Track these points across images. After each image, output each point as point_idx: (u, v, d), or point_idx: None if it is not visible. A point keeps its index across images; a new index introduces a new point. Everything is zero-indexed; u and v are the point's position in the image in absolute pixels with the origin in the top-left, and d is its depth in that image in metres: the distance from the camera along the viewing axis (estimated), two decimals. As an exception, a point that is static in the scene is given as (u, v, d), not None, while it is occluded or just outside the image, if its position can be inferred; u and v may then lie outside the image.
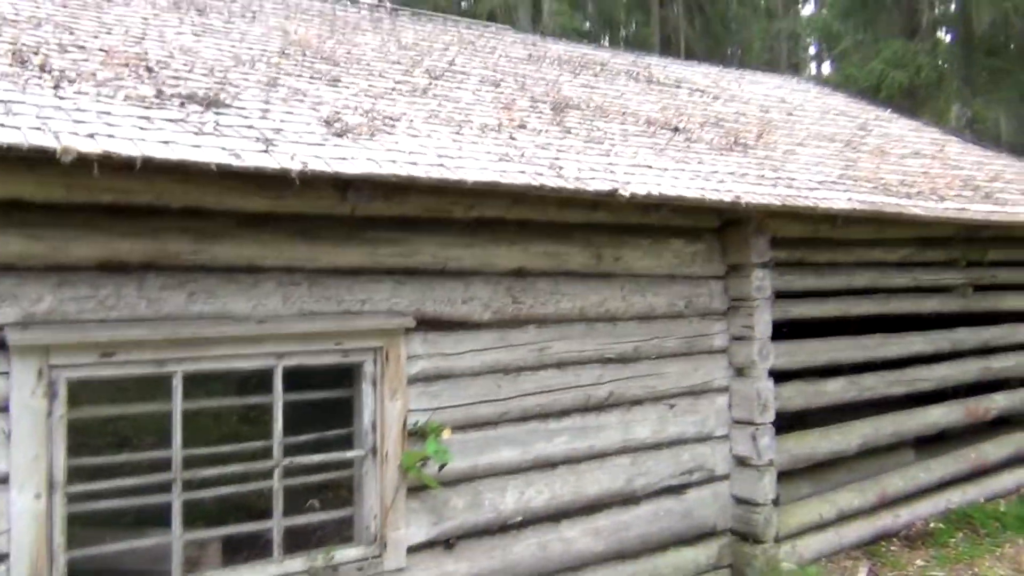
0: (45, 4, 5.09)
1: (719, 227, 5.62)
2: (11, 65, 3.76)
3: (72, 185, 3.39)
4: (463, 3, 20.82)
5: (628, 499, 5.15)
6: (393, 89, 5.40)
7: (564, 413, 4.87)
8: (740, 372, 5.69)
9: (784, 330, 6.03)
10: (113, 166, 3.20)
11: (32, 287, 3.41)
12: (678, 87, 8.55)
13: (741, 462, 5.67)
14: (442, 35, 8.07)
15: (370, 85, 5.32)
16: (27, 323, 3.38)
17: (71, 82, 3.75)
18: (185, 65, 4.58)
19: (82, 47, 4.39)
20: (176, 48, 4.90)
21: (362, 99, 4.92)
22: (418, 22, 8.52)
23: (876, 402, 6.67)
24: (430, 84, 5.82)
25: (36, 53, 4.03)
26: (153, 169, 3.31)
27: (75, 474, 3.50)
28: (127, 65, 4.25)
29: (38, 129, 3.14)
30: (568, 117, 5.95)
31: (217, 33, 5.61)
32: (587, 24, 24.61)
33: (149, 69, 4.29)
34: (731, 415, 5.67)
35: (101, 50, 4.43)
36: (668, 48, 25.39)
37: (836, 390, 6.42)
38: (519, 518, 4.69)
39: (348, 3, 8.77)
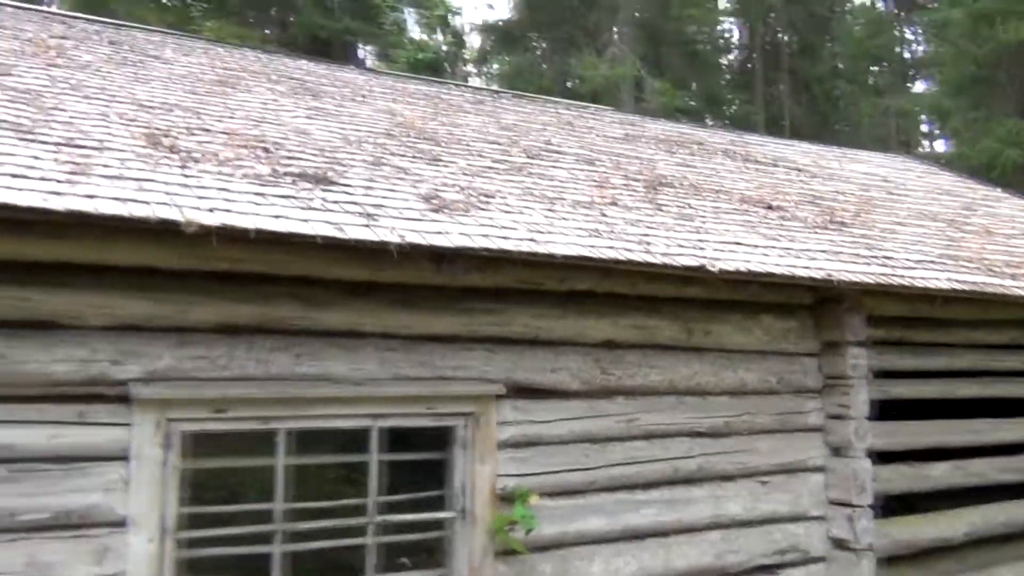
0: (176, 91, 5.59)
1: (813, 304, 5.62)
2: (144, 147, 4.17)
3: (193, 254, 3.70)
4: (567, 83, 21.41)
5: (719, 575, 5.09)
6: (490, 167, 5.67)
7: (652, 485, 4.90)
8: (836, 451, 5.60)
9: (893, 412, 5.92)
10: (230, 237, 3.51)
11: (154, 346, 3.72)
12: (775, 165, 8.61)
13: (838, 544, 5.54)
14: (541, 115, 8.39)
15: (468, 164, 5.60)
16: (149, 379, 3.69)
17: (196, 161, 4.13)
18: (298, 146, 4.95)
19: (208, 130, 4.82)
20: (291, 130, 5.30)
21: (460, 177, 5.19)
22: (519, 104, 8.88)
23: (986, 488, 6.42)
24: (526, 162, 6.07)
25: (166, 136, 4.45)
26: (265, 240, 3.61)
27: (187, 522, 3.74)
28: (246, 146, 4.64)
29: (165, 204, 3.48)
30: (661, 195, 6.10)
31: (329, 115, 6.03)
32: (691, 103, 24.89)
33: (266, 150, 4.67)
34: (827, 495, 5.57)
35: (224, 132, 4.85)
36: (774, 127, 25.40)
37: (941, 474, 6.21)
38: (606, 588, 4.71)
39: (453, 86, 9.22)
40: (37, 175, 3.42)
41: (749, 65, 29.47)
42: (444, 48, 22.11)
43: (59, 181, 3.42)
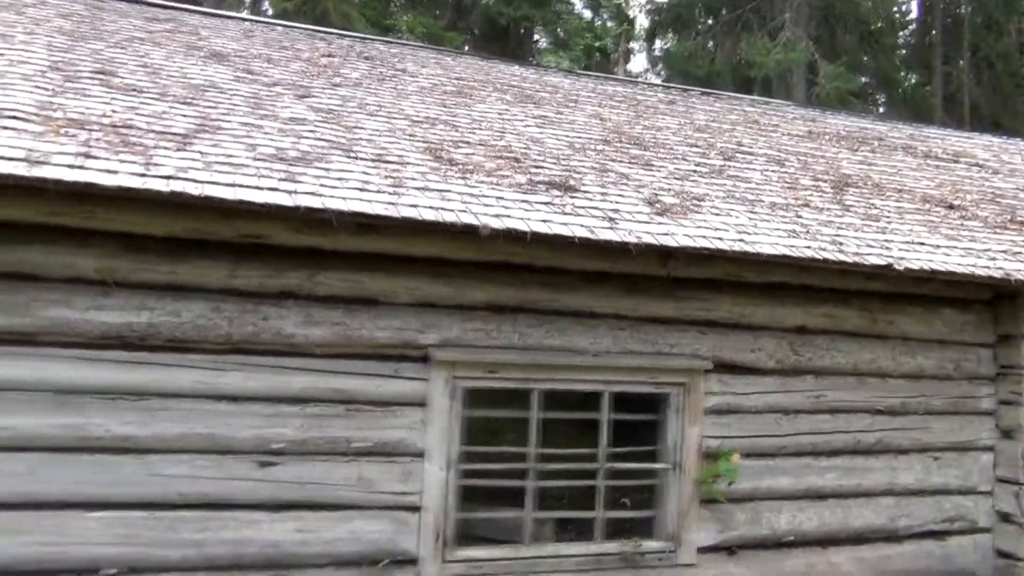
0: (430, 104, 6.68)
1: (990, 300, 6.17)
2: (431, 160, 5.25)
3: (471, 248, 4.74)
4: (740, 68, 21.66)
5: (890, 536, 5.81)
6: (694, 171, 6.49)
7: (834, 453, 5.66)
8: (1006, 434, 6.16)
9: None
10: (512, 238, 4.52)
11: (446, 320, 4.81)
12: (956, 161, 8.98)
13: (1004, 518, 6.12)
14: (729, 114, 9.08)
15: (676, 168, 6.44)
16: (442, 345, 4.78)
17: (471, 173, 5.17)
18: (539, 155, 5.93)
19: (467, 142, 5.86)
20: (528, 139, 6.29)
21: (672, 181, 6.05)
22: (707, 102, 9.60)
23: None
24: (724, 164, 6.85)
25: (442, 149, 5.52)
26: (532, 240, 4.60)
27: (465, 457, 4.83)
28: (501, 157, 5.66)
29: (464, 211, 4.53)
30: (847, 195, 6.75)
31: (552, 123, 6.99)
32: (864, 84, 24.55)
33: (516, 160, 5.67)
34: (995, 473, 6.15)
35: (480, 144, 5.88)
36: (951, 107, 24.73)
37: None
38: (791, 537, 5.52)
39: (645, 86, 10.04)
40: (373, 188, 4.53)
41: (926, 42, 28.58)
42: (614, 32, 22.74)
43: (388, 192, 4.52)
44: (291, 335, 4.50)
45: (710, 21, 24.79)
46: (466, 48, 20.53)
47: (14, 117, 4.22)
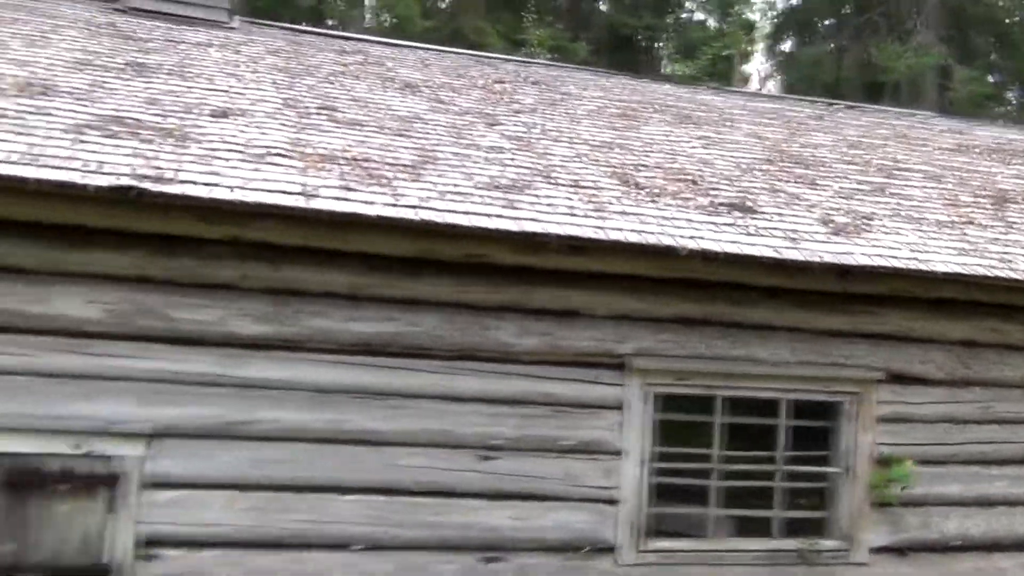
0: (602, 128, 7.17)
1: None
2: (619, 184, 5.74)
3: (662, 266, 5.20)
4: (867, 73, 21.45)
5: (1057, 544, 6.01)
6: (857, 189, 6.80)
7: (1004, 462, 5.90)
8: None
9: None
10: (705, 258, 4.98)
11: (640, 331, 5.29)
12: (1114, 173, 8.95)
13: None
14: (877, 128, 9.28)
15: (840, 187, 6.76)
16: (636, 354, 5.27)
17: (658, 196, 5.65)
18: (712, 176, 6.36)
19: (645, 165, 6.34)
20: (698, 161, 6.72)
21: (839, 200, 6.38)
22: (853, 116, 9.81)
23: None
24: (884, 182, 7.12)
25: (626, 173, 6.01)
26: (723, 260, 5.04)
27: (656, 456, 5.31)
28: (679, 179, 6.11)
29: (661, 234, 5.01)
30: (1008, 212, 6.93)
31: (715, 143, 7.39)
32: (1000, 86, 23.91)
33: (694, 182, 6.12)
34: None
35: (657, 167, 6.35)
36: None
37: None
38: (958, 542, 5.80)
39: (792, 100, 10.31)
40: (580, 212, 5.06)
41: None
42: (739, 38, 22.80)
43: (593, 217, 5.04)
44: (508, 344, 5.06)
45: (835, 25, 24.58)
46: (585, 54, 21.01)
47: (278, 154, 4.91)
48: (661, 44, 23.42)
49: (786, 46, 26.10)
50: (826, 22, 24.64)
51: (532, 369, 5.10)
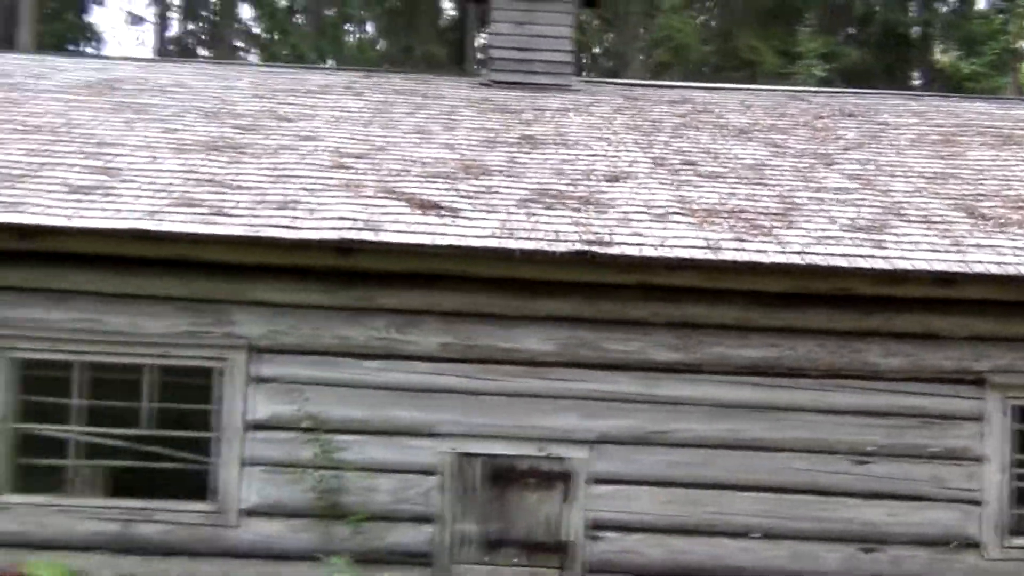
0: (931, 157, 7.68)
1: None
2: (967, 217, 6.34)
3: (1019, 292, 5.76)
4: None
5: None
6: None
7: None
8: None
9: None
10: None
11: (994, 350, 5.89)
12: None
13: None
14: None
15: None
16: (995, 371, 5.87)
17: (1005, 226, 6.19)
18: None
19: (983, 195, 6.84)
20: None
21: None
22: None
23: None
24: None
25: (964, 204, 6.58)
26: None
27: (1016, 463, 5.88)
28: (1020, 208, 6.59)
29: (1019, 264, 5.60)
30: None
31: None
32: None
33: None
34: None
35: (995, 195, 6.84)
36: None
37: None
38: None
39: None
40: (941, 248, 5.76)
41: None
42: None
43: (954, 251, 5.73)
44: (874, 364, 5.86)
45: None
46: (857, 57, 20.88)
47: (674, 212, 6.03)
48: (937, 40, 22.72)
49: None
50: None
51: (897, 385, 5.86)
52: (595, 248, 5.40)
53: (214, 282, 5.71)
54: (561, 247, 5.39)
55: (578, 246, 5.41)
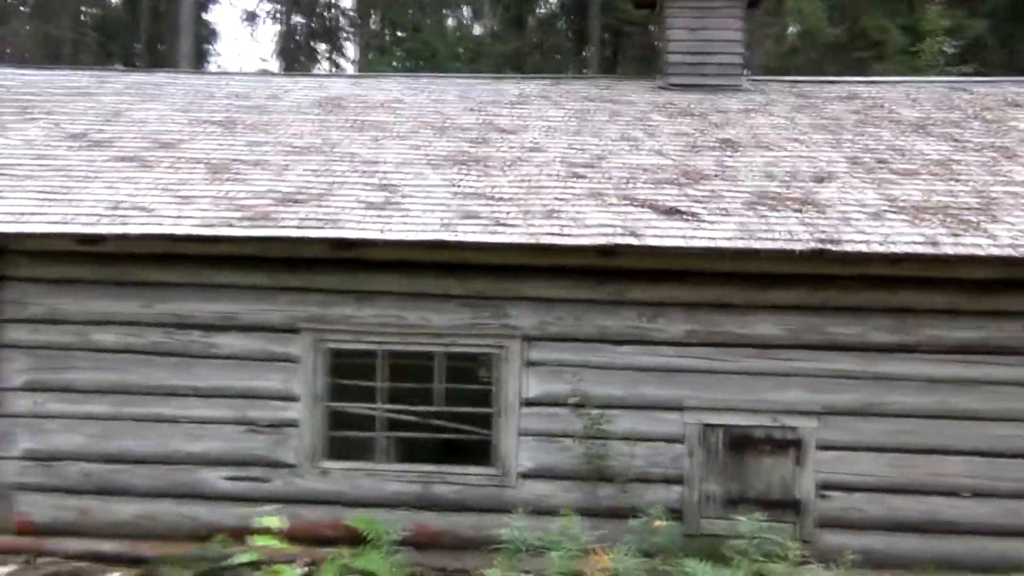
0: None
1: None
2: None
3: None
4: None
5: None
6: None
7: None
8: None
9: None
10: None
11: None
12: None
13: None
14: None
15: None
16: None
17: None
18: None
19: None
20: None
21: None
22: None
23: None
24: None
25: None
26: None
27: None
28: None
29: None
30: None
31: None
32: None
33: None
34: None
35: None
36: None
37: None
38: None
39: None
40: None
41: None
42: None
43: None
44: (1075, 342, 6.57)
45: None
46: (981, 29, 20.78)
47: (885, 210, 6.79)
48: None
49: None
50: None
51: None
52: (829, 246, 6.22)
53: (490, 281, 6.73)
54: (798, 246, 6.24)
55: (812, 244, 6.24)
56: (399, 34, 26.35)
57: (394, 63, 21.86)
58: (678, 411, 6.68)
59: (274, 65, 39.23)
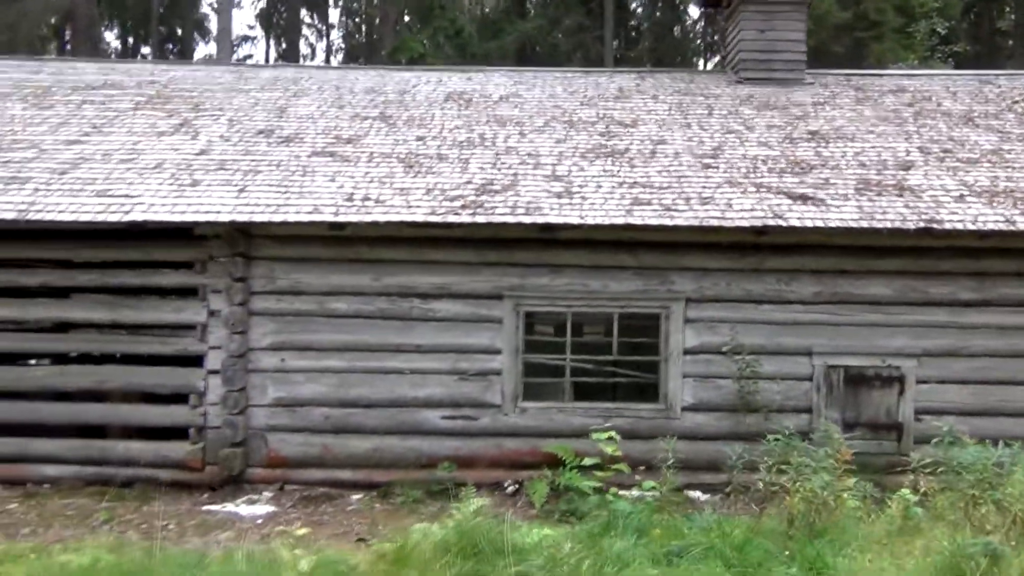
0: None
1: None
2: None
3: None
4: None
5: None
6: None
7: None
8: None
9: None
10: None
11: None
12: None
13: None
14: None
15: None
16: None
17: None
18: None
19: None
20: None
21: None
22: None
23: None
24: None
25: None
26: None
27: None
28: None
29: None
30: None
31: None
32: None
33: None
34: None
35: None
36: None
37: None
38: None
39: None
40: None
41: None
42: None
43: None
44: (1112, 296, 8.43)
45: None
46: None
47: (963, 195, 8.53)
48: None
49: None
50: None
51: None
52: (934, 225, 7.97)
53: (658, 255, 8.37)
54: (910, 225, 7.98)
55: (921, 224, 7.98)
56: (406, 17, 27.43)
57: (425, 41, 23.06)
58: (807, 356, 8.42)
59: (258, 32, 40.03)
